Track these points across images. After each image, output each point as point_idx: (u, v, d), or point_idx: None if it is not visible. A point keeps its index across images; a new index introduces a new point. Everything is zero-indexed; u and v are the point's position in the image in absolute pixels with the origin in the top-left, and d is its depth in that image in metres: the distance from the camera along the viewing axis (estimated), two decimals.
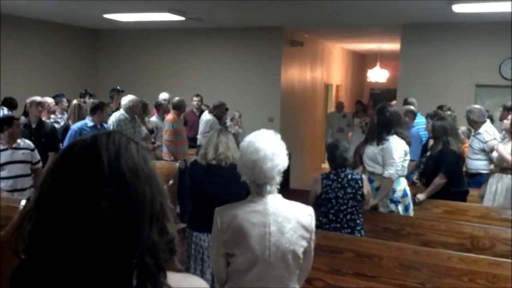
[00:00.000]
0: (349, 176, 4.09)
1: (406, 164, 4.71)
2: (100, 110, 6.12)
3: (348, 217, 4.09)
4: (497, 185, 5.28)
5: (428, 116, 6.47)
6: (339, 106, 11.39)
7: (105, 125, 6.32)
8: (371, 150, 4.69)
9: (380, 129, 4.67)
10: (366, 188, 4.14)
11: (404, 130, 4.80)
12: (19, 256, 0.94)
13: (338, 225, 4.09)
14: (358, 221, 4.14)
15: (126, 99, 6.60)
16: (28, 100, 6.29)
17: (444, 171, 5.07)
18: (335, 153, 4.13)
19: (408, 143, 4.69)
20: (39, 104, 6.20)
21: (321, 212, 4.13)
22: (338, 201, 4.06)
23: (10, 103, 7.23)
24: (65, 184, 0.93)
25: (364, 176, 4.23)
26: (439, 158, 5.10)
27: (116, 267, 0.91)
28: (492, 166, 5.59)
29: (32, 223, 0.94)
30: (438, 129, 5.23)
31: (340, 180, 4.08)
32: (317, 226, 4.02)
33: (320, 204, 4.12)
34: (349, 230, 4.09)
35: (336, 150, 4.13)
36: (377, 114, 4.74)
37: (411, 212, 4.83)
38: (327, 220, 4.11)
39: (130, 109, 6.54)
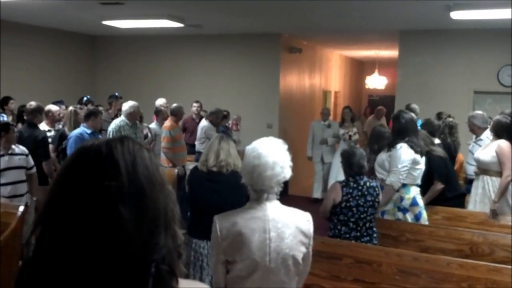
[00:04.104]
0: (368, 184, 4.04)
1: (417, 173, 4.63)
2: (94, 116, 6.10)
3: (367, 225, 4.04)
4: (482, 187, 5.27)
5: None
6: (325, 113, 9.69)
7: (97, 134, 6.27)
8: (381, 157, 4.69)
9: (394, 136, 4.67)
10: (381, 195, 4.14)
11: (417, 139, 4.70)
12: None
13: (358, 233, 4.02)
14: (374, 229, 4.11)
15: (126, 105, 6.60)
16: None
17: (438, 178, 5.06)
18: (352, 160, 4.05)
19: (418, 152, 4.61)
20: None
21: (339, 221, 4.04)
22: (359, 209, 3.98)
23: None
24: (80, 194, 0.92)
25: (378, 184, 4.22)
26: (428, 167, 5.07)
27: (134, 276, 0.91)
28: (476, 169, 5.59)
29: (43, 229, 0.94)
30: None
31: (360, 187, 4.01)
32: (337, 235, 3.98)
33: (339, 213, 4.03)
34: (368, 238, 4.04)
35: (354, 157, 4.06)
36: (393, 121, 4.76)
37: (425, 222, 4.71)
38: (347, 229, 4.02)
39: (131, 115, 6.55)
